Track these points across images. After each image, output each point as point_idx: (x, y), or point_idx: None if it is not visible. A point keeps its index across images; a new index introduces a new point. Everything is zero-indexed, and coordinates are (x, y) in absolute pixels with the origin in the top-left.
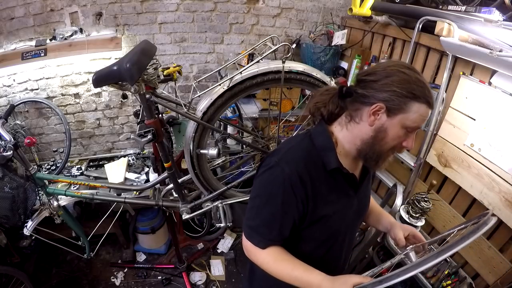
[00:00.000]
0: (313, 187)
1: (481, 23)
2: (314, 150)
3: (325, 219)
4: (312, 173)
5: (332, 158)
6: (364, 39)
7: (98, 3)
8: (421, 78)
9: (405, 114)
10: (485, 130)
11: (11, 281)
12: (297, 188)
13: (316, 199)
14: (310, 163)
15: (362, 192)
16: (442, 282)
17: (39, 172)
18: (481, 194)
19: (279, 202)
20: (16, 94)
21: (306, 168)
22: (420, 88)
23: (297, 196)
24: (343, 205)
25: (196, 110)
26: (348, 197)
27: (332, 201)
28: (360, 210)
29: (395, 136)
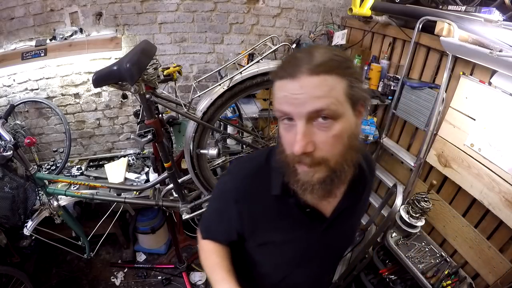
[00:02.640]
0: (253, 209)
1: (481, 23)
2: (267, 168)
3: (271, 245)
4: (255, 193)
5: (277, 182)
6: (364, 39)
7: (98, 3)
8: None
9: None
10: (485, 130)
11: (11, 281)
12: (232, 205)
13: (256, 222)
14: (256, 182)
15: (339, 228)
16: (442, 282)
17: (39, 172)
18: (481, 194)
19: (216, 208)
20: (16, 94)
21: (249, 188)
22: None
23: (233, 211)
24: (298, 237)
25: (196, 110)
26: (308, 231)
27: (280, 228)
28: (334, 247)
29: (280, 133)
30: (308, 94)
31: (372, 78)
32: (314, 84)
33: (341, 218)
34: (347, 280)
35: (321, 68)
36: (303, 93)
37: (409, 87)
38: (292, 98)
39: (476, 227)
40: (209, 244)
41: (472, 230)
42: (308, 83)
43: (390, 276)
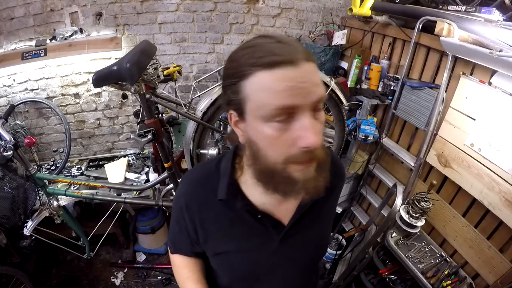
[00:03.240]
0: (203, 216)
1: (481, 23)
2: (217, 174)
3: (226, 255)
4: (204, 200)
5: (222, 186)
6: (364, 39)
7: (98, 3)
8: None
9: (248, 103)
10: (485, 130)
11: (11, 281)
12: (184, 212)
13: (208, 230)
14: (205, 188)
15: (301, 237)
16: (442, 282)
17: (39, 172)
18: (481, 194)
19: (174, 218)
20: (16, 94)
21: (197, 194)
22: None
23: (185, 220)
24: (254, 247)
25: (196, 110)
26: (264, 240)
27: (233, 236)
28: (299, 259)
29: (265, 139)
30: (311, 82)
31: (372, 78)
32: (312, 70)
33: (303, 225)
34: (347, 280)
35: (310, 54)
36: (307, 81)
37: (409, 87)
38: (298, 88)
39: (476, 227)
40: (179, 258)
41: (472, 230)
42: (309, 69)
43: (390, 276)
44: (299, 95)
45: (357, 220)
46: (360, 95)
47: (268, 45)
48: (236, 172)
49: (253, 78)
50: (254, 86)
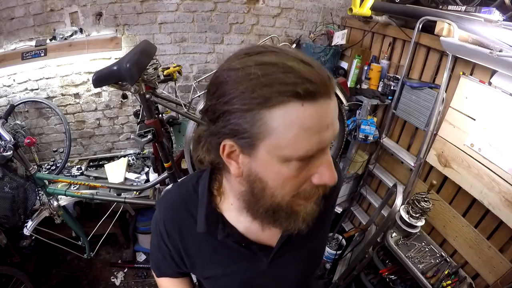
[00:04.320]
0: (185, 243)
1: (481, 23)
2: (195, 197)
3: (214, 279)
4: (183, 227)
5: (201, 217)
6: (364, 39)
7: (98, 3)
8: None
9: (268, 138)
10: (485, 130)
11: (11, 281)
12: (165, 239)
13: (192, 257)
14: (183, 214)
15: (292, 256)
16: (442, 282)
17: (39, 172)
18: (481, 194)
19: (155, 244)
20: (16, 94)
21: (176, 220)
22: (280, 78)
23: (168, 247)
24: (241, 270)
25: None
26: (251, 262)
27: (217, 262)
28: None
29: (280, 179)
30: (336, 115)
31: (372, 78)
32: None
33: (293, 245)
34: (347, 280)
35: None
36: (336, 114)
37: (409, 87)
38: (330, 125)
39: (476, 227)
40: (166, 282)
41: (472, 230)
42: (335, 101)
43: (390, 276)
44: (329, 133)
45: (357, 220)
46: (360, 95)
47: (296, 66)
48: (215, 198)
49: (284, 109)
50: (283, 120)
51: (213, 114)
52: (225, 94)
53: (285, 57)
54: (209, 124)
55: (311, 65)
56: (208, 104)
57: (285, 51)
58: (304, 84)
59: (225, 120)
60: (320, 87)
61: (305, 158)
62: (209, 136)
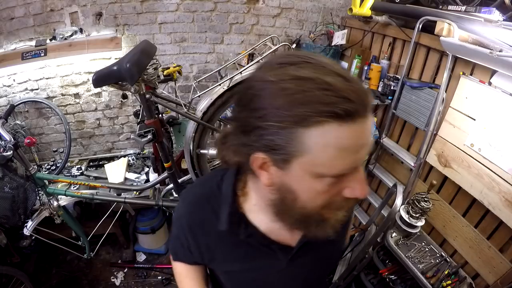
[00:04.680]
0: (206, 239)
1: (481, 23)
2: (218, 195)
3: (232, 274)
4: (205, 223)
5: (224, 216)
6: (364, 39)
7: (98, 3)
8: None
9: (303, 156)
10: (485, 130)
11: (11, 281)
12: (187, 233)
13: (212, 251)
14: (207, 211)
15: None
16: (442, 282)
17: (39, 172)
18: (481, 194)
19: (176, 234)
20: (16, 94)
21: (199, 217)
22: (318, 96)
23: (189, 240)
24: (260, 267)
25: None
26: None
27: (237, 258)
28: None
29: (312, 192)
30: (371, 131)
31: (372, 78)
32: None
33: (312, 246)
34: (347, 280)
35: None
36: (370, 132)
37: (409, 87)
38: (366, 145)
39: (476, 227)
40: (181, 266)
41: (472, 230)
42: (371, 116)
43: (390, 276)
44: (364, 152)
45: (357, 220)
46: None
47: (334, 82)
48: (239, 198)
49: (321, 129)
50: (320, 140)
51: (245, 126)
52: (259, 109)
53: (321, 70)
54: (239, 133)
55: (348, 79)
56: (240, 116)
57: (321, 63)
58: (343, 104)
59: (258, 135)
60: (359, 106)
61: (339, 176)
62: (239, 146)
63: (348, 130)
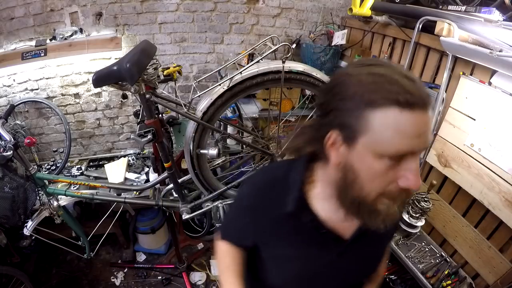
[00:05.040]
0: (266, 221)
1: (481, 23)
2: (285, 182)
3: (283, 259)
4: (268, 206)
5: (290, 199)
6: (364, 39)
7: (98, 3)
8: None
9: (368, 134)
10: (485, 130)
11: (11, 281)
12: (248, 213)
13: (268, 234)
14: (271, 196)
15: (357, 254)
16: (442, 282)
17: (39, 172)
18: (481, 194)
19: (234, 213)
20: (16, 94)
21: (264, 199)
22: (386, 87)
23: (247, 220)
24: (312, 256)
25: (196, 110)
26: (322, 251)
27: (293, 243)
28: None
29: (370, 173)
30: (429, 130)
31: None
32: (431, 116)
33: (361, 243)
34: None
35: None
36: (428, 129)
37: None
38: (421, 134)
39: (476, 227)
40: (225, 245)
41: (472, 230)
42: (430, 115)
43: (390, 276)
44: (420, 142)
45: None
46: None
47: (400, 80)
48: (305, 186)
49: (385, 112)
50: (383, 121)
51: (325, 109)
52: (340, 93)
53: (392, 71)
54: (319, 117)
55: (413, 80)
56: (323, 99)
57: (392, 66)
58: (404, 94)
59: (335, 115)
60: (418, 100)
61: (395, 158)
62: (317, 127)
63: (406, 116)
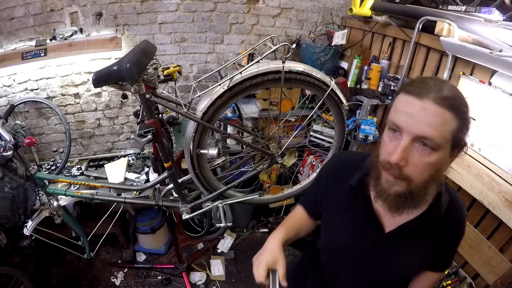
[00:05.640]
0: (332, 190)
1: (481, 23)
2: (360, 164)
3: (332, 227)
4: (339, 179)
5: (357, 176)
6: (364, 39)
7: (98, 3)
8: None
9: (391, 110)
10: (485, 130)
11: (11, 281)
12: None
13: (330, 201)
14: (345, 171)
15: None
16: (442, 282)
17: (39, 172)
18: (481, 194)
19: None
20: (16, 94)
21: (338, 172)
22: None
23: (321, 185)
24: (353, 233)
25: (196, 110)
26: (363, 234)
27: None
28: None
29: (382, 143)
30: (425, 119)
31: (372, 78)
32: (434, 112)
33: (397, 243)
34: None
35: (446, 102)
36: (422, 116)
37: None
38: (410, 115)
39: (476, 227)
40: (299, 209)
41: (472, 230)
42: (430, 109)
43: None
44: (407, 122)
45: None
46: (360, 95)
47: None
48: (370, 171)
49: (399, 96)
50: (396, 101)
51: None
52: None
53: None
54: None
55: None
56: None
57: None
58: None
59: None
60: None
61: (392, 129)
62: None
63: (404, 98)
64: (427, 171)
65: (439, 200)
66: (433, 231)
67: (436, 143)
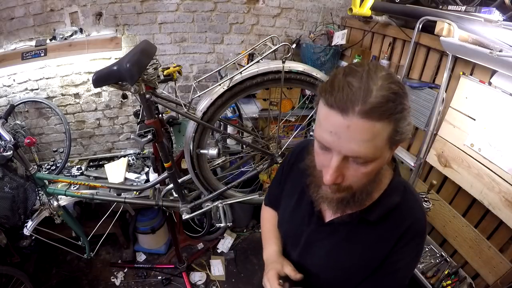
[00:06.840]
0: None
1: (481, 23)
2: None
3: (283, 209)
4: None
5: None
6: (364, 39)
7: (98, 3)
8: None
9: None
10: (485, 130)
11: (11, 281)
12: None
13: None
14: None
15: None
16: (442, 282)
17: (39, 172)
18: (481, 194)
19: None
20: (16, 94)
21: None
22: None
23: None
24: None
25: (196, 110)
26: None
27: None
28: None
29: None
30: (352, 138)
31: None
32: (362, 129)
33: (334, 236)
34: None
35: (375, 112)
36: (349, 135)
37: (409, 87)
38: (335, 135)
39: (476, 227)
40: (267, 211)
41: (472, 230)
42: (357, 126)
43: None
44: (333, 142)
45: None
46: None
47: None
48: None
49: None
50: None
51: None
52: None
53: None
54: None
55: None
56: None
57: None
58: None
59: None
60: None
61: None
62: None
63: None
64: (366, 178)
65: (380, 200)
66: (372, 232)
67: (370, 157)
